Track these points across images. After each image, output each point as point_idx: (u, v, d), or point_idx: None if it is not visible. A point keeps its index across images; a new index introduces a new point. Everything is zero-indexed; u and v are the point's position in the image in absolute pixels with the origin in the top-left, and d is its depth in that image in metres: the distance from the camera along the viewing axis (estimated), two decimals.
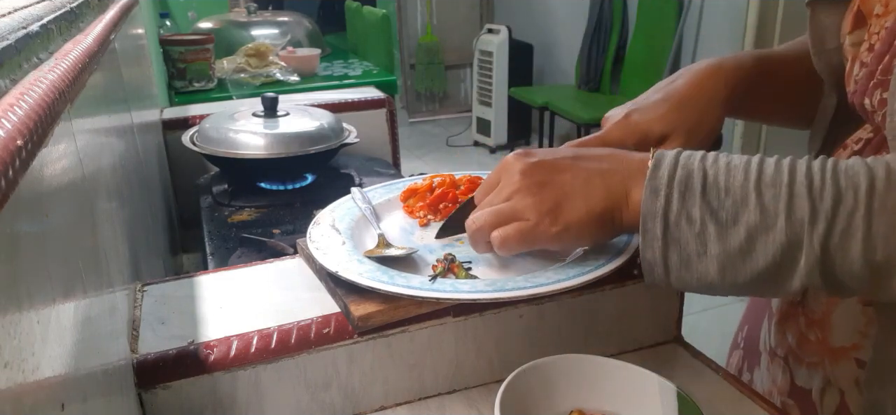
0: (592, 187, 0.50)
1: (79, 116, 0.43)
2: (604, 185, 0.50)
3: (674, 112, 0.60)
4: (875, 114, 0.50)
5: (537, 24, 4.41)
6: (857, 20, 0.53)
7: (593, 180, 0.50)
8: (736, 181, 0.45)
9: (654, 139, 0.61)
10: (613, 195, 0.50)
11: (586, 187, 0.50)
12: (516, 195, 0.52)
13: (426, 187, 0.71)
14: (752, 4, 2.68)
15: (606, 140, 0.61)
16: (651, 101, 0.62)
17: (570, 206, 0.50)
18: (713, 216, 0.45)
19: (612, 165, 0.51)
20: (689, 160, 0.47)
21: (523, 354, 0.56)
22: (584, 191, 0.50)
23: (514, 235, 0.51)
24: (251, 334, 0.52)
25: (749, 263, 0.45)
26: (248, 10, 2.80)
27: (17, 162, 0.24)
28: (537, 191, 0.51)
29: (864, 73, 0.51)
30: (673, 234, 0.46)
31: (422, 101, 5.01)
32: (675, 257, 0.47)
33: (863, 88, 0.50)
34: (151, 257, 0.79)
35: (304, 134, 1.02)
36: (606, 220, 0.50)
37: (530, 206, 0.51)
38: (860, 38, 0.52)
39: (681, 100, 0.61)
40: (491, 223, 0.52)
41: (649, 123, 0.61)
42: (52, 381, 0.27)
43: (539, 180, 0.51)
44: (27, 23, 0.34)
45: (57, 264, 0.31)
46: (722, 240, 0.45)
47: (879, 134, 0.53)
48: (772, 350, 0.63)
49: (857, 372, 0.54)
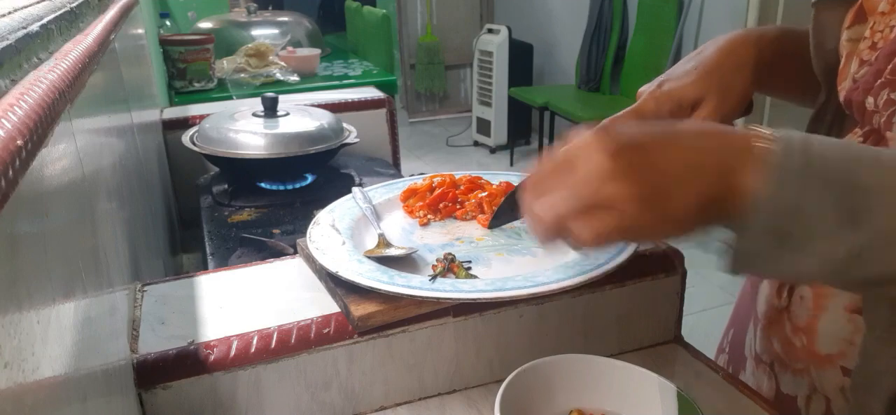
0: (700, 170, 0.42)
1: (79, 116, 0.43)
2: (713, 165, 0.42)
3: (704, 78, 0.60)
4: (877, 114, 0.49)
5: (537, 24, 4.41)
6: (857, 15, 0.52)
7: (700, 160, 0.42)
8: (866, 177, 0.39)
9: (688, 105, 0.60)
10: (723, 179, 0.42)
11: (692, 170, 0.42)
12: (603, 179, 0.42)
13: (426, 187, 0.71)
14: (752, 4, 2.68)
15: (641, 111, 0.61)
16: (682, 70, 0.62)
17: (676, 192, 0.42)
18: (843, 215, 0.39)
19: (719, 142, 0.43)
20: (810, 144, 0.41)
21: (523, 354, 0.56)
22: (691, 174, 0.42)
23: (607, 231, 0.42)
24: (251, 334, 0.52)
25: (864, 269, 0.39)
26: (248, 10, 2.80)
27: (17, 162, 0.24)
28: (633, 176, 0.41)
29: (867, 71, 0.50)
30: (785, 227, 0.40)
31: (422, 101, 5.01)
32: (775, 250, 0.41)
33: (866, 86, 0.50)
34: (151, 257, 0.79)
35: (304, 134, 1.02)
36: (712, 210, 0.42)
37: (625, 193, 0.41)
38: (859, 33, 0.51)
39: (711, 66, 0.61)
40: (574, 212, 0.43)
41: (682, 90, 0.60)
42: (52, 381, 0.27)
43: (635, 162, 0.42)
44: (27, 23, 0.34)
45: (57, 264, 0.31)
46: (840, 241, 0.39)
47: (871, 136, 0.52)
48: (757, 356, 0.63)
49: (843, 380, 0.54)
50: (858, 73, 0.51)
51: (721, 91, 0.60)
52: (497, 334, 0.58)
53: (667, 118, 0.61)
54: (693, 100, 0.60)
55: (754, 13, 2.67)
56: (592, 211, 0.42)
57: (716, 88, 0.60)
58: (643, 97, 0.63)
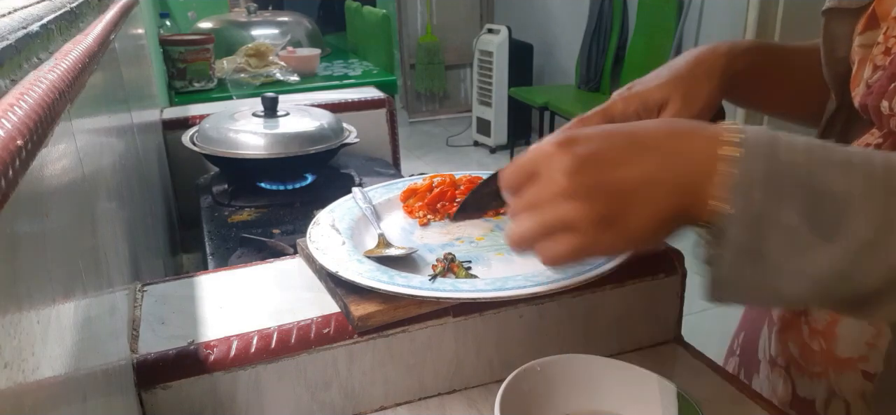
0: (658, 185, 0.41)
1: (79, 116, 0.43)
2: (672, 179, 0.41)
3: (671, 81, 0.61)
4: (893, 117, 0.49)
5: (537, 24, 4.41)
6: (870, 21, 0.52)
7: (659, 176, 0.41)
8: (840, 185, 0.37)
9: (654, 106, 0.61)
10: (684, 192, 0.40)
11: (651, 187, 0.41)
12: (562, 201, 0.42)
13: (426, 187, 0.71)
14: (751, 4, 2.68)
15: (610, 112, 0.62)
16: (654, 74, 0.64)
17: (632, 211, 0.41)
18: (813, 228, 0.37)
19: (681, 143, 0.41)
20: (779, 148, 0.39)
21: (523, 354, 0.56)
22: (648, 192, 0.41)
23: (567, 253, 0.42)
24: (251, 334, 0.52)
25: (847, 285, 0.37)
26: (248, 10, 2.80)
27: (17, 162, 0.24)
28: (589, 197, 0.41)
29: (881, 75, 0.50)
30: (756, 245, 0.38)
31: (422, 101, 5.01)
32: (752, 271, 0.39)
33: (880, 90, 0.49)
34: (151, 257, 0.79)
35: (304, 134, 1.02)
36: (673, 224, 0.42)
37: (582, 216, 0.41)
38: (872, 39, 0.51)
39: (680, 71, 0.62)
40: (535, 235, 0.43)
41: (649, 92, 0.61)
42: (52, 381, 0.27)
43: (589, 183, 0.41)
44: (27, 23, 0.34)
45: (57, 264, 0.31)
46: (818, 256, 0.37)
47: (889, 139, 0.52)
48: (772, 359, 0.63)
49: (864, 384, 0.53)
50: (872, 78, 0.51)
51: (686, 95, 0.61)
52: (497, 334, 0.58)
53: (634, 119, 0.61)
54: (659, 101, 0.61)
55: (754, 13, 2.67)
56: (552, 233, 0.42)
57: (682, 92, 0.61)
58: (612, 97, 0.63)
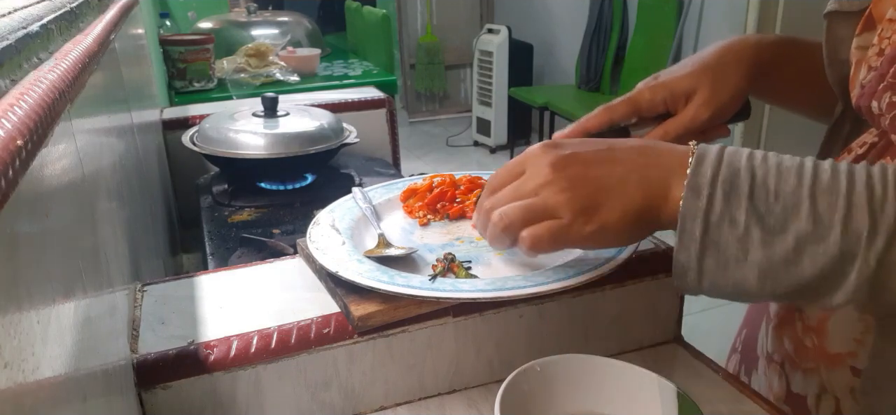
0: (630, 183, 0.46)
1: (79, 116, 0.43)
2: (642, 180, 0.46)
3: (699, 71, 0.61)
4: (882, 117, 0.49)
5: (537, 24, 4.41)
6: (866, 24, 0.52)
7: (631, 176, 0.47)
8: (787, 185, 0.42)
9: (681, 94, 0.61)
10: (652, 192, 0.46)
11: (623, 184, 0.47)
12: (546, 189, 0.47)
13: (426, 187, 0.71)
14: (752, 4, 2.68)
15: (636, 100, 0.62)
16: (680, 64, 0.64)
17: (608, 204, 0.46)
18: (759, 221, 0.42)
19: (650, 159, 0.47)
20: (736, 157, 0.44)
21: (523, 354, 0.56)
22: (622, 187, 0.46)
23: (547, 235, 0.47)
24: (251, 333, 0.52)
25: (793, 273, 0.42)
26: (248, 10, 2.80)
27: (17, 162, 0.24)
28: (570, 186, 0.47)
29: (873, 76, 0.50)
30: (712, 236, 0.43)
31: (422, 101, 5.01)
32: (712, 262, 0.44)
33: (871, 91, 0.50)
34: (151, 257, 0.79)
35: (304, 134, 1.02)
36: (644, 220, 0.47)
37: (563, 203, 0.47)
38: (868, 41, 0.52)
39: (707, 61, 0.62)
40: (521, 219, 0.48)
41: (676, 80, 0.61)
42: (52, 381, 0.27)
43: (572, 175, 0.47)
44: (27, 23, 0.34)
45: (57, 264, 0.31)
46: (766, 247, 0.42)
47: (884, 138, 0.52)
48: (769, 355, 0.63)
49: (853, 380, 0.54)
50: (866, 78, 0.51)
51: (714, 84, 0.61)
52: (497, 334, 0.58)
53: (661, 108, 0.62)
54: (686, 90, 0.61)
55: (754, 13, 2.67)
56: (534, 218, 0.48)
57: (709, 81, 0.61)
58: (638, 87, 0.63)
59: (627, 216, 0.46)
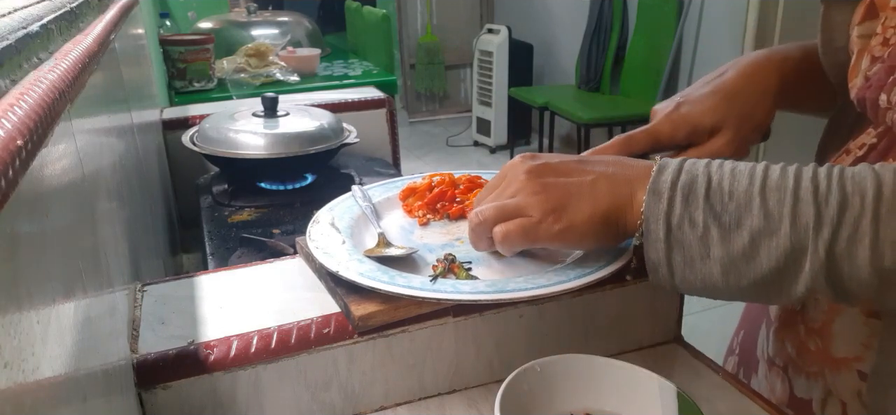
0: (597, 189, 0.51)
1: (79, 116, 0.43)
2: (609, 187, 0.51)
3: (724, 104, 0.60)
4: (891, 111, 0.48)
5: (537, 24, 4.40)
6: (868, 12, 0.51)
7: (599, 183, 0.51)
8: (740, 186, 0.45)
9: (705, 131, 0.61)
10: (618, 198, 0.50)
11: (591, 189, 0.51)
12: (520, 193, 0.52)
13: (425, 186, 0.71)
14: (752, 4, 2.68)
15: (656, 133, 0.62)
16: (700, 93, 0.62)
17: (575, 205, 0.50)
18: (716, 220, 0.46)
19: (617, 170, 0.52)
20: (694, 166, 0.48)
21: (523, 354, 0.56)
22: (590, 192, 0.51)
23: (516, 230, 0.52)
24: (251, 333, 0.52)
25: (752, 267, 0.45)
26: (248, 10, 2.79)
27: (17, 162, 0.24)
28: (542, 189, 0.51)
29: (880, 67, 0.49)
30: (676, 236, 0.47)
31: (422, 101, 5.01)
32: (679, 259, 0.47)
33: (879, 84, 0.49)
34: (151, 257, 0.79)
35: (304, 134, 1.02)
36: (610, 221, 0.51)
37: (534, 203, 0.51)
38: (870, 30, 0.51)
39: (731, 91, 0.61)
40: (494, 218, 0.53)
41: (700, 115, 0.61)
42: (52, 381, 0.27)
43: (544, 181, 0.52)
44: (27, 23, 0.34)
45: (57, 264, 0.31)
46: (725, 243, 0.45)
47: (885, 138, 0.52)
48: (770, 359, 0.62)
49: (859, 383, 0.53)
50: (870, 70, 0.50)
51: (740, 118, 0.60)
52: (497, 335, 0.58)
53: (683, 143, 0.62)
54: (711, 126, 0.60)
55: (754, 14, 2.67)
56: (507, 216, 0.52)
57: (736, 116, 0.60)
58: (659, 118, 0.62)
59: (594, 218, 0.50)
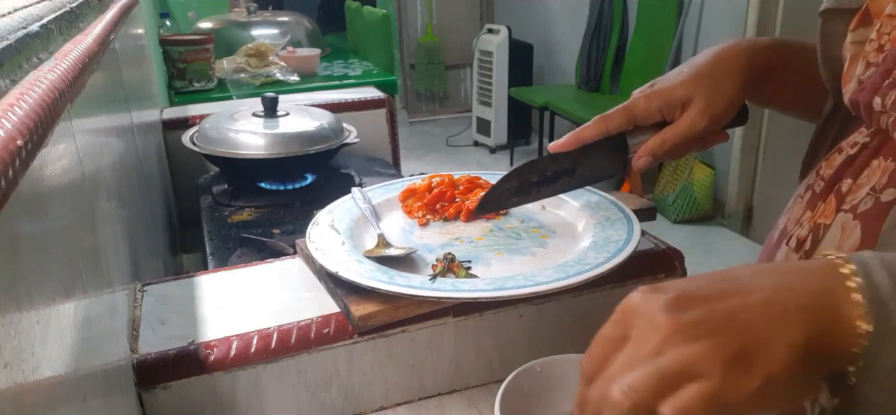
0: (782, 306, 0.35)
1: (79, 116, 0.43)
2: (794, 299, 0.35)
3: (694, 79, 0.61)
4: (886, 115, 0.49)
5: (537, 24, 4.40)
6: (863, 18, 0.52)
7: (779, 296, 0.35)
8: None
9: (677, 104, 0.61)
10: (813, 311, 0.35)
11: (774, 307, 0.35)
12: (673, 346, 0.34)
13: (425, 187, 0.71)
14: (751, 4, 2.68)
15: (631, 109, 0.62)
16: (675, 72, 0.64)
17: (766, 341, 0.34)
18: None
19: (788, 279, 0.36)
20: None
21: (523, 354, 0.56)
22: (774, 312, 0.34)
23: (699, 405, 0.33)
24: (251, 333, 0.52)
25: None
26: (248, 10, 2.80)
27: (17, 162, 0.24)
28: (707, 332, 0.34)
29: (874, 72, 0.50)
30: None
31: (422, 101, 5.01)
32: None
33: (873, 87, 0.49)
34: (151, 257, 0.79)
35: (304, 134, 1.02)
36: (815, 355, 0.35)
37: (705, 356, 0.34)
38: (864, 36, 0.52)
39: (700, 68, 0.62)
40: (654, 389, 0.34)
41: (672, 89, 0.62)
42: (52, 381, 0.27)
43: (700, 317, 0.35)
44: (27, 23, 0.34)
45: (57, 264, 0.31)
46: None
47: (877, 137, 0.52)
48: None
49: None
50: (864, 74, 0.51)
51: (709, 93, 0.61)
52: (497, 334, 0.58)
53: (657, 117, 0.62)
54: (682, 99, 0.61)
55: (754, 14, 2.67)
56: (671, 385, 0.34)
57: (705, 90, 0.61)
58: (634, 96, 0.63)
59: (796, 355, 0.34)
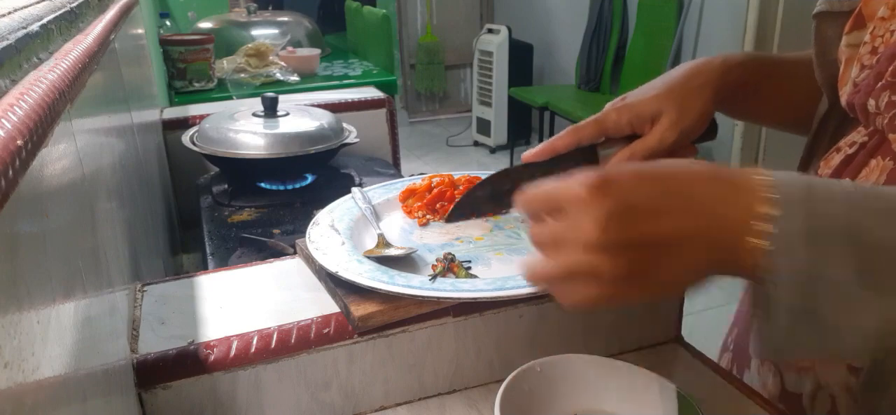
0: (691, 241, 0.39)
1: (79, 116, 0.43)
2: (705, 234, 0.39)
3: (665, 94, 0.62)
4: (880, 116, 0.49)
5: (537, 24, 4.41)
6: (856, 22, 0.53)
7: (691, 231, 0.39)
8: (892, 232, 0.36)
9: (647, 117, 0.62)
10: (718, 246, 0.39)
11: (683, 242, 0.39)
12: (590, 251, 0.40)
13: (425, 188, 0.71)
14: (752, 4, 2.68)
15: (603, 121, 0.63)
16: (647, 86, 0.64)
17: (662, 266, 0.40)
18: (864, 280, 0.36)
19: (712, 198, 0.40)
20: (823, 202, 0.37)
21: (523, 354, 0.56)
22: (681, 247, 0.39)
23: (587, 301, 0.41)
24: (251, 334, 0.52)
25: None
26: (248, 10, 2.80)
27: (17, 162, 0.24)
28: (618, 252, 0.39)
29: (868, 74, 0.50)
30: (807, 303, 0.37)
31: (422, 101, 5.01)
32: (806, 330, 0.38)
33: (867, 89, 0.50)
34: (151, 257, 0.79)
35: (304, 134, 1.02)
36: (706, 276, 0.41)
37: (608, 269, 0.39)
38: (858, 39, 0.52)
39: (672, 83, 0.62)
40: (556, 277, 0.42)
41: (642, 103, 0.62)
42: (52, 381, 0.27)
43: (620, 239, 0.39)
44: (27, 23, 0.34)
45: (57, 264, 0.31)
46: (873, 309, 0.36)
47: (875, 137, 0.53)
48: None
49: (849, 378, 0.53)
50: (859, 76, 0.52)
51: (680, 107, 0.61)
52: (497, 334, 0.58)
53: (627, 130, 0.62)
54: (651, 113, 0.62)
55: (754, 14, 2.67)
56: (576, 278, 0.41)
57: (675, 104, 0.61)
58: (606, 108, 0.64)
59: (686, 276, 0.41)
